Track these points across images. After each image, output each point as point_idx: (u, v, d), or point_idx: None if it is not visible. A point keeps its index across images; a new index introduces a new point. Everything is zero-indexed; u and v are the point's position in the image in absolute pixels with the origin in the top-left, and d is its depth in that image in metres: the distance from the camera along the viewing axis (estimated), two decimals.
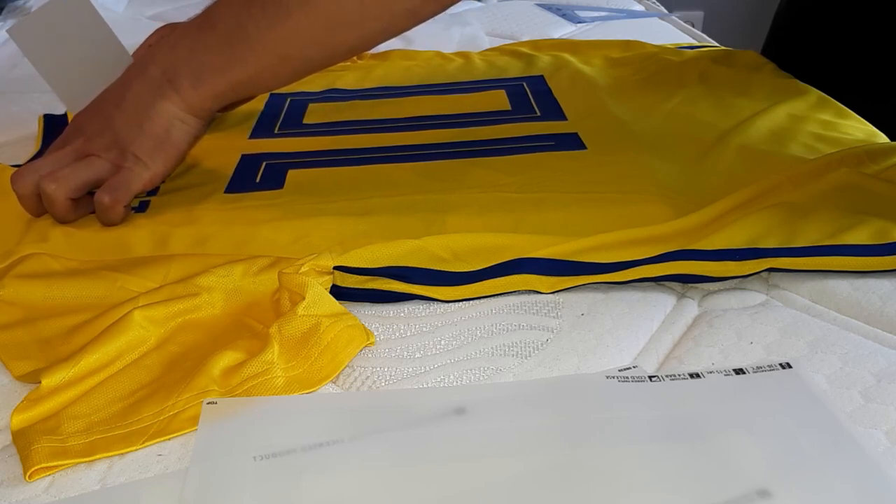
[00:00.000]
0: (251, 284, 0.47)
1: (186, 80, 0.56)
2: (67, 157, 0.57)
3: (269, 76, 0.57)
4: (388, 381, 0.41)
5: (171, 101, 0.56)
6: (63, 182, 0.55)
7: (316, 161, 0.66)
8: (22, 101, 0.83)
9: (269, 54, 0.55)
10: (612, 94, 0.77)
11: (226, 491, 0.34)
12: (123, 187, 0.56)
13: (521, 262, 0.47)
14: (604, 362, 0.42)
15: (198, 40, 0.56)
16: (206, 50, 0.56)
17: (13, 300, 0.47)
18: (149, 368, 0.42)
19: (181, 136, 0.57)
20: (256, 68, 0.56)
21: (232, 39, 0.55)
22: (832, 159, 0.57)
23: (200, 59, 0.56)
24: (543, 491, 0.34)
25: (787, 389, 0.39)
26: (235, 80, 0.57)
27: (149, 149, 0.56)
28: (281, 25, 0.54)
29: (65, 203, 0.55)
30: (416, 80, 0.84)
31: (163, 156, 0.57)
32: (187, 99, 0.56)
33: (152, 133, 0.56)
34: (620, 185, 0.59)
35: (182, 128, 0.57)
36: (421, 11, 0.55)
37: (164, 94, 0.56)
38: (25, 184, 0.56)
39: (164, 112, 0.56)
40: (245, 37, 0.55)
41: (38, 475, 0.36)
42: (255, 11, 0.54)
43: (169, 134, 0.57)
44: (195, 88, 0.56)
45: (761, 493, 0.33)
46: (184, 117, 0.57)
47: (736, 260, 0.47)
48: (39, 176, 0.55)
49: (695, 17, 2.21)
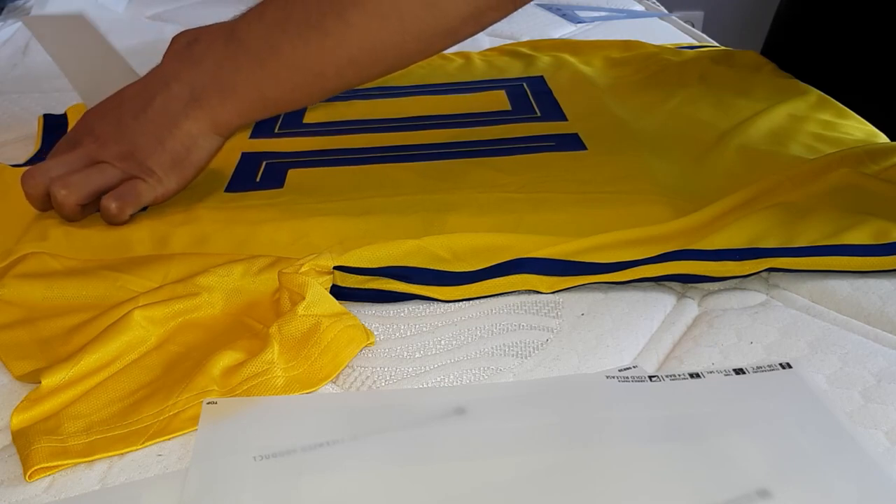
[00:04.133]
0: (251, 284, 0.47)
1: (214, 97, 0.55)
2: (79, 161, 0.56)
3: (301, 94, 0.56)
4: (388, 381, 0.41)
5: (195, 120, 0.56)
6: (74, 189, 0.55)
7: (316, 161, 0.66)
8: (22, 101, 0.83)
9: (304, 73, 0.54)
10: (613, 94, 0.77)
11: (226, 491, 0.34)
12: (132, 197, 0.56)
13: (521, 262, 0.47)
14: (604, 362, 0.42)
15: (226, 57, 0.55)
16: (235, 67, 0.55)
17: (13, 300, 0.47)
18: (149, 368, 0.42)
19: (201, 155, 0.57)
20: (290, 86, 0.55)
21: (263, 57, 0.54)
22: (832, 159, 0.57)
23: (229, 76, 0.55)
24: (543, 491, 0.34)
25: (787, 389, 0.39)
26: (267, 98, 0.56)
27: (166, 165, 0.56)
28: (318, 45, 0.53)
29: (74, 208, 0.55)
30: (416, 80, 0.84)
31: (179, 174, 0.57)
32: (214, 117, 0.56)
33: (172, 150, 0.56)
34: (620, 185, 0.59)
35: (203, 147, 0.57)
36: (459, 32, 0.54)
37: (189, 113, 0.55)
38: (36, 185, 0.56)
39: (187, 131, 0.56)
40: (278, 55, 0.54)
41: (38, 475, 0.36)
42: (289, 30, 0.53)
43: (189, 153, 0.56)
44: (223, 106, 0.55)
45: (761, 493, 0.33)
46: (207, 136, 0.56)
47: (736, 260, 0.47)
48: (50, 179, 0.55)
49: (695, 17, 2.21)
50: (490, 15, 0.53)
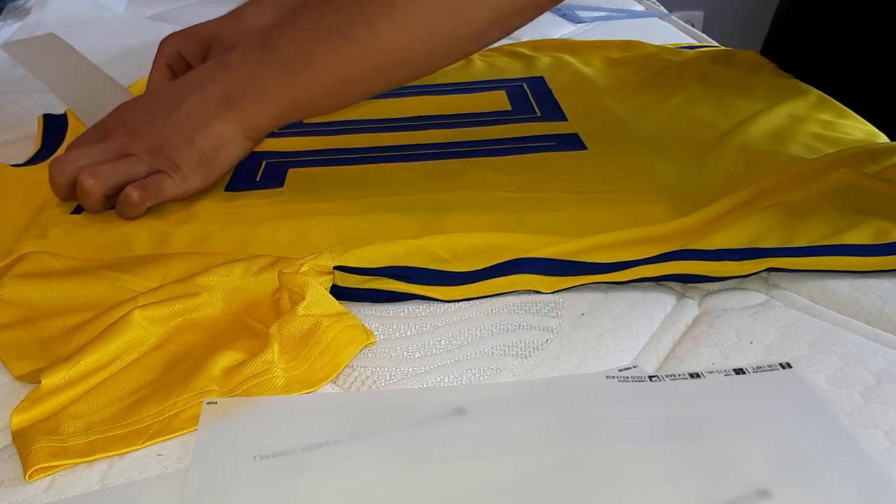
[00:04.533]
0: (251, 284, 0.47)
1: (248, 101, 0.56)
2: (109, 153, 0.57)
3: (329, 99, 0.58)
4: (388, 381, 0.41)
5: (228, 122, 0.57)
6: (102, 179, 0.56)
7: (316, 160, 0.66)
8: (22, 101, 0.83)
9: (334, 78, 0.56)
10: (612, 94, 0.77)
11: (226, 491, 0.34)
12: (156, 190, 0.56)
13: (521, 262, 0.47)
14: (604, 362, 0.42)
15: (260, 63, 0.56)
16: (269, 73, 0.56)
17: (13, 300, 0.47)
18: (149, 368, 0.42)
19: (227, 158, 0.58)
20: (319, 91, 0.56)
21: (295, 63, 0.56)
22: (832, 159, 0.57)
23: (263, 81, 0.56)
24: (543, 491, 0.34)
25: (787, 389, 0.39)
26: (297, 103, 0.57)
27: (193, 163, 0.57)
28: (347, 52, 0.54)
29: (99, 198, 0.56)
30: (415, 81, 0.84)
31: (204, 173, 0.58)
32: (247, 121, 0.57)
33: (201, 149, 0.57)
34: (620, 185, 0.59)
35: (231, 149, 0.58)
36: (486, 36, 0.55)
37: (222, 114, 0.57)
38: (64, 173, 0.57)
39: (218, 132, 0.57)
40: (309, 61, 0.55)
41: (38, 475, 0.36)
42: (319, 37, 0.55)
43: (217, 154, 0.57)
44: (256, 110, 0.57)
45: (761, 493, 0.33)
46: (236, 138, 0.58)
47: (736, 260, 0.47)
48: (79, 167, 0.56)
49: (695, 17, 2.21)
50: (515, 20, 0.55)
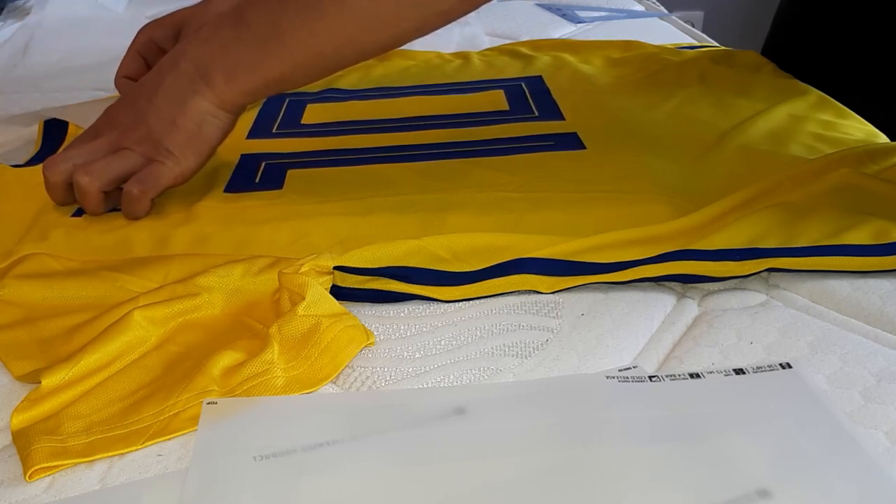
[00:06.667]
0: (251, 284, 0.47)
1: (220, 75, 0.57)
2: (101, 149, 0.57)
3: (301, 73, 0.58)
4: (388, 381, 0.41)
5: (203, 97, 0.57)
6: (97, 175, 0.56)
7: (315, 161, 0.66)
8: (22, 102, 0.83)
9: (303, 52, 0.56)
10: (612, 93, 0.77)
11: (226, 491, 0.34)
12: (153, 180, 0.56)
13: (521, 262, 0.47)
14: (604, 362, 0.42)
15: (231, 37, 0.57)
16: (240, 47, 0.57)
17: (13, 300, 0.47)
18: (149, 368, 0.42)
19: (213, 131, 0.58)
20: (290, 65, 0.57)
21: (266, 37, 0.56)
22: (832, 159, 0.57)
23: (234, 55, 0.57)
24: (543, 491, 0.34)
25: (787, 389, 0.39)
26: (269, 77, 0.57)
27: (181, 143, 0.57)
28: (316, 24, 0.55)
29: (98, 195, 0.56)
30: (414, 81, 0.84)
31: (195, 151, 0.58)
32: (220, 94, 0.57)
33: (185, 128, 0.57)
34: (620, 184, 0.59)
35: (214, 123, 0.58)
36: (452, 12, 0.56)
37: (197, 89, 0.57)
38: (58, 172, 0.57)
39: (196, 108, 0.57)
40: (279, 34, 0.55)
41: (38, 475, 0.36)
42: (289, 10, 0.55)
43: (201, 129, 0.57)
44: (228, 84, 0.57)
45: (761, 493, 0.33)
46: (215, 112, 0.57)
47: (736, 260, 0.47)
48: (73, 166, 0.56)
49: (695, 17, 2.21)
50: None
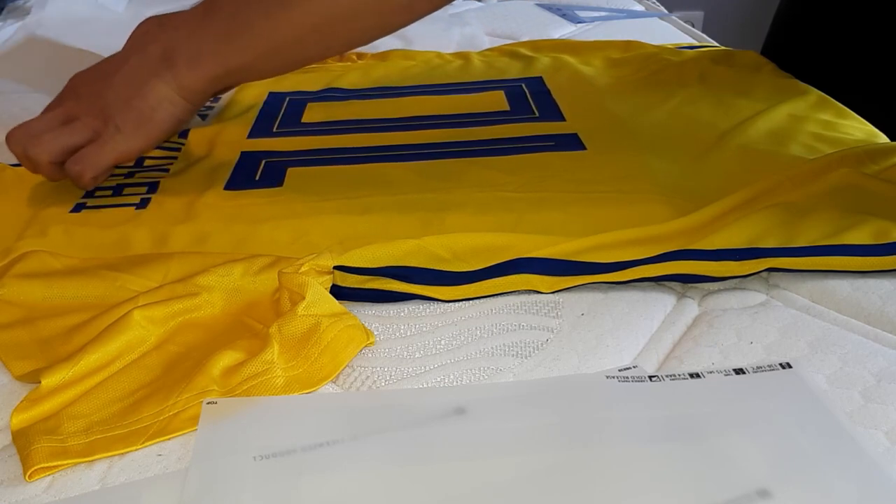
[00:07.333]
0: (251, 284, 0.47)
1: (183, 61, 0.57)
2: (56, 119, 0.59)
3: (263, 65, 0.59)
4: (388, 381, 0.41)
5: (163, 81, 0.57)
6: (45, 146, 0.57)
7: (315, 160, 0.66)
8: (22, 102, 0.83)
9: (265, 42, 0.57)
10: (612, 94, 0.77)
11: (226, 491, 0.34)
12: (93, 159, 0.57)
13: (521, 262, 0.47)
14: (604, 362, 0.42)
15: (199, 25, 0.58)
16: (205, 34, 0.57)
17: (13, 300, 0.47)
18: (148, 368, 0.42)
19: (165, 117, 0.58)
20: (252, 56, 0.57)
21: (231, 26, 0.57)
22: (832, 159, 0.57)
23: (199, 42, 0.57)
24: (543, 491, 0.34)
25: (787, 389, 0.39)
26: (231, 66, 0.58)
27: (132, 123, 0.57)
28: (279, 15, 0.55)
29: (48, 166, 0.58)
30: (414, 81, 0.84)
31: (143, 133, 0.58)
32: (181, 80, 0.57)
33: (138, 108, 0.57)
34: (620, 185, 0.59)
35: (169, 109, 0.58)
36: (415, 7, 0.56)
37: (159, 72, 0.57)
38: (16, 142, 0.58)
39: (154, 90, 0.57)
40: (244, 24, 0.56)
41: (38, 475, 0.36)
42: (253, 1, 0.56)
43: (154, 112, 0.58)
44: (190, 70, 0.57)
45: (761, 493, 0.33)
46: (173, 98, 0.58)
47: (736, 260, 0.47)
48: (27, 136, 0.57)
49: (695, 17, 2.21)
50: None
